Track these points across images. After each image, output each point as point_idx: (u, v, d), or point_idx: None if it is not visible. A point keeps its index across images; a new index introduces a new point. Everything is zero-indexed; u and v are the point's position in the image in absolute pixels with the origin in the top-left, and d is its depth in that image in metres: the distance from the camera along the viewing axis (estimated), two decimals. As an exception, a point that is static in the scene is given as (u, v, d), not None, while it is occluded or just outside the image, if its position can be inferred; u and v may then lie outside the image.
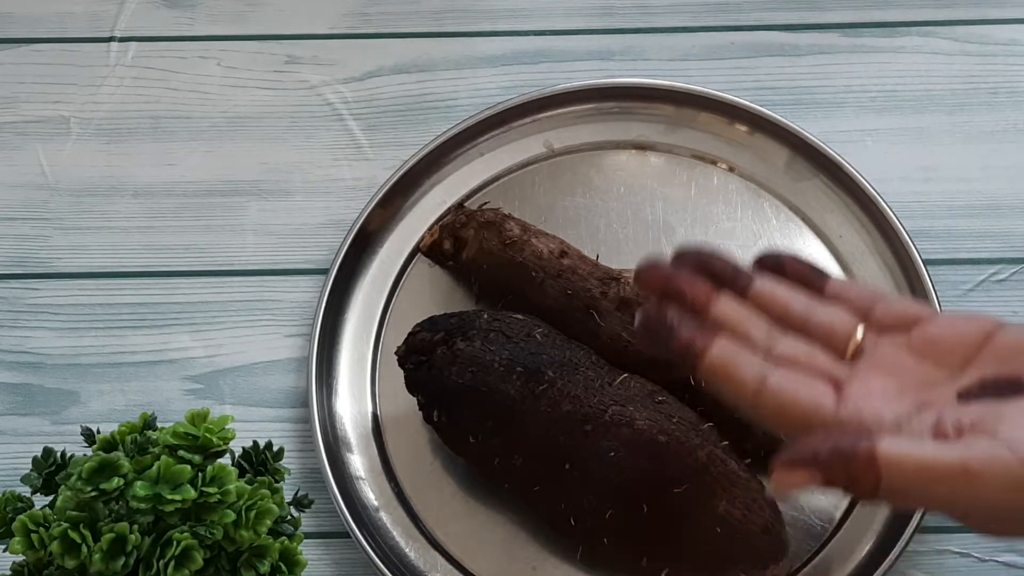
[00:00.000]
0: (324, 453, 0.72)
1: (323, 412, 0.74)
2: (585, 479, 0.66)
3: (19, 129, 0.85)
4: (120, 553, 0.56)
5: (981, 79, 0.85)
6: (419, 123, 0.84)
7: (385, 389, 0.75)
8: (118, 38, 0.88)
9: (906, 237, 0.77)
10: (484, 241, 0.75)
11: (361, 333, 0.77)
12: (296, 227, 0.81)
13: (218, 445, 0.59)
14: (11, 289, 0.80)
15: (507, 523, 0.71)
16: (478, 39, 0.87)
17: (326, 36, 0.88)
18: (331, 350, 0.76)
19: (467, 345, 0.68)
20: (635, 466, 0.65)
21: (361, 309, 0.78)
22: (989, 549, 0.72)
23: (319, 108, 0.85)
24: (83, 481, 0.57)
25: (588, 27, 0.88)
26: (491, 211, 0.77)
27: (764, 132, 0.81)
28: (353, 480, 0.73)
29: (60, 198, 0.82)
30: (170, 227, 0.81)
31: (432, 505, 0.72)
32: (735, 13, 0.88)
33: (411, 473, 0.73)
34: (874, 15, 0.87)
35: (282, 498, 0.61)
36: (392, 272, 0.79)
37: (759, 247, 0.78)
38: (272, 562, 0.59)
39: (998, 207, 0.81)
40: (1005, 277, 0.79)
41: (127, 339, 0.78)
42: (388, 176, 0.80)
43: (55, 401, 0.76)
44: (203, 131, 0.84)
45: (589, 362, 0.69)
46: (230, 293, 0.79)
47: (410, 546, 0.71)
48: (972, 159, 0.82)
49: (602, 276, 0.73)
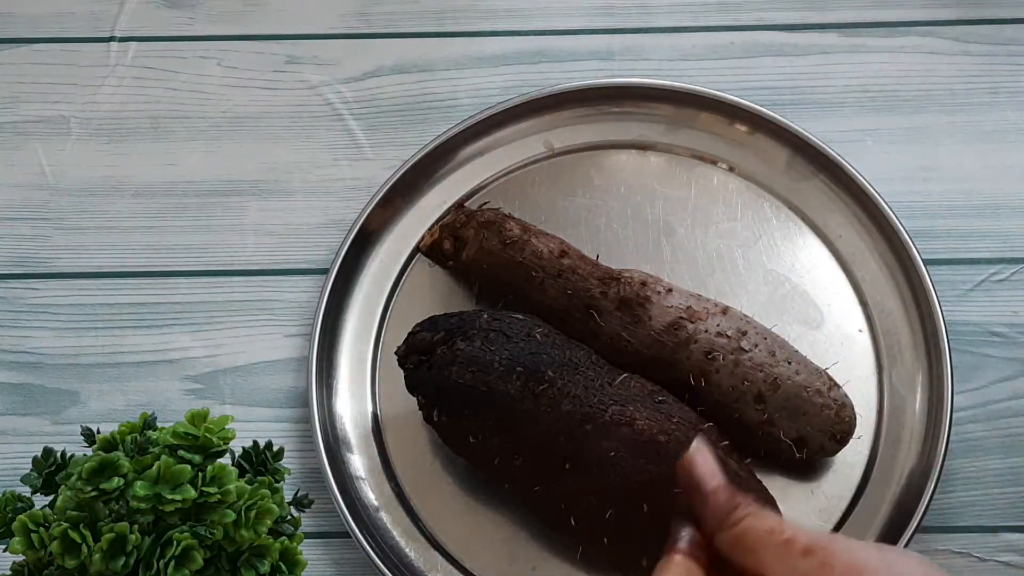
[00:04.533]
0: (324, 453, 0.72)
1: (323, 412, 0.74)
2: (585, 479, 0.66)
3: (19, 129, 0.85)
4: (120, 553, 0.56)
5: (981, 79, 0.85)
6: (419, 123, 0.84)
7: (385, 389, 0.76)
8: (118, 38, 0.88)
9: (906, 237, 0.77)
10: (484, 241, 0.75)
11: (361, 333, 0.77)
12: (296, 227, 0.81)
13: (218, 445, 0.59)
14: (11, 289, 0.80)
15: (507, 523, 0.71)
16: (478, 39, 0.87)
17: (326, 36, 0.88)
18: (331, 350, 0.76)
19: (467, 345, 0.68)
20: (635, 466, 0.65)
21: (361, 309, 0.78)
22: (989, 549, 0.72)
23: (319, 108, 0.85)
24: (83, 481, 0.57)
25: (588, 27, 0.88)
26: (491, 211, 0.77)
27: (764, 132, 0.81)
28: (353, 480, 0.73)
29: (60, 198, 0.82)
30: (170, 227, 0.81)
31: (432, 505, 0.73)
32: (735, 13, 0.88)
33: (411, 473, 0.73)
34: (874, 15, 0.87)
35: (282, 498, 0.61)
36: (392, 272, 0.79)
37: (759, 247, 0.79)
38: (272, 562, 0.59)
39: (998, 207, 0.81)
40: (1005, 277, 0.79)
41: (127, 339, 0.78)
42: (388, 176, 0.80)
43: (55, 401, 0.76)
44: (203, 131, 0.84)
45: (589, 362, 0.69)
46: (230, 293, 0.79)
47: (410, 546, 0.71)
48: (972, 159, 0.83)
49: (602, 276, 0.73)
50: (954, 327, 0.76)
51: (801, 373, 0.70)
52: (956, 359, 0.74)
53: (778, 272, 0.78)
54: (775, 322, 0.74)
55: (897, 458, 0.73)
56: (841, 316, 0.77)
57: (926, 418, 0.73)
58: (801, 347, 0.72)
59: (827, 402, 0.70)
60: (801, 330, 0.76)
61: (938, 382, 0.73)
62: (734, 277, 0.78)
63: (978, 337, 0.77)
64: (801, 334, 0.76)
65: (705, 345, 0.70)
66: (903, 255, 0.77)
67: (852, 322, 0.76)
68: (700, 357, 0.70)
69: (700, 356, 0.70)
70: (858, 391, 0.73)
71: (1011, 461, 0.74)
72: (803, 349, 0.72)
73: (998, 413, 0.75)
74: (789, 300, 0.77)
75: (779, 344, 0.71)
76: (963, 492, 0.74)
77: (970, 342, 0.77)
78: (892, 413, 0.74)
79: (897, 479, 0.72)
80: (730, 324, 0.71)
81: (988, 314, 0.78)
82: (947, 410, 0.72)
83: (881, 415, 0.74)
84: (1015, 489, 0.73)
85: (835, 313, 0.77)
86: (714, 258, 0.78)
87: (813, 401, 0.69)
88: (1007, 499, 0.73)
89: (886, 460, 0.73)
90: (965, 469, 0.74)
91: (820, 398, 0.70)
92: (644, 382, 0.69)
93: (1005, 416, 0.75)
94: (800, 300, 0.77)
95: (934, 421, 0.73)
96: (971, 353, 0.77)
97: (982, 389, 0.76)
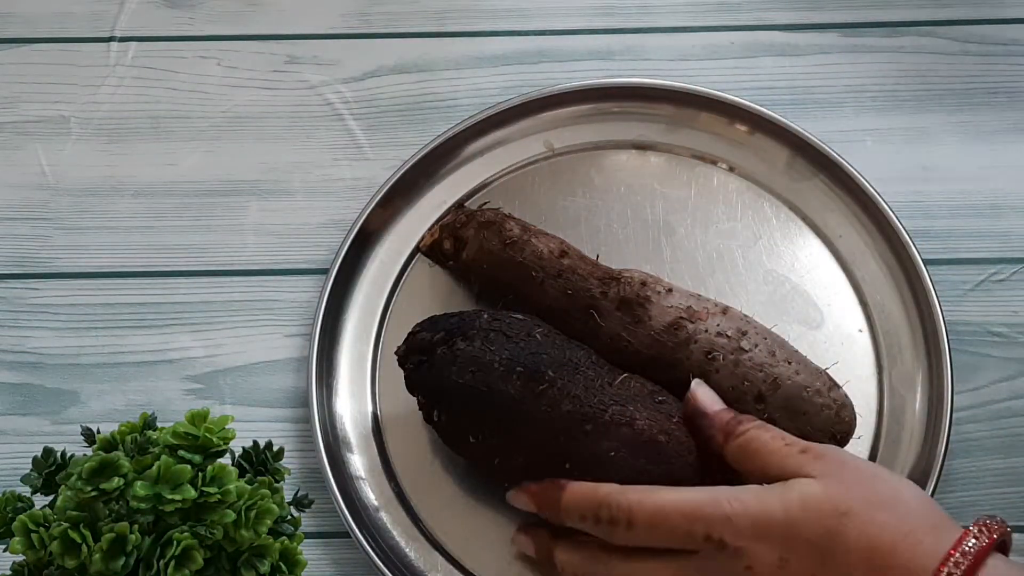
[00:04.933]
0: (324, 453, 0.72)
1: (323, 412, 0.74)
2: (585, 479, 0.66)
3: (19, 129, 0.85)
4: (120, 553, 0.56)
5: (981, 79, 0.85)
6: (419, 123, 0.84)
7: (385, 389, 0.76)
8: (118, 38, 0.88)
9: (906, 237, 0.77)
10: (484, 241, 0.75)
11: (361, 333, 0.77)
12: (296, 227, 0.81)
13: (218, 445, 0.59)
14: (11, 289, 0.80)
15: (507, 523, 0.71)
16: (478, 39, 0.87)
17: (326, 36, 0.88)
18: (331, 350, 0.76)
19: (467, 345, 0.68)
20: (635, 466, 0.65)
21: (361, 309, 0.78)
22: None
23: (319, 108, 0.85)
24: (83, 481, 0.57)
25: (588, 27, 0.88)
26: (491, 211, 0.77)
27: (764, 132, 0.81)
28: (353, 480, 0.73)
29: (60, 198, 0.82)
30: (170, 227, 0.81)
31: (432, 505, 0.72)
32: (735, 13, 0.88)
33: (411, 473, 0.73)
34: (874, 15, 0.87)
35: (282, 498, 0.61)
36: (392, 272, 0.79)
37: (759, 247, 0.79)
38: (272, 562, 0.59)
39: (998, 207, 0.81)
40: (1005, 277, 0.79)
41: (127, 339, 0.78)
42: (388, 176, 0.80)
43: (55, 401, 0.76)
44: (203, 131, 0.84)
45: (589, 362, 0.69)
46: (230, 293, 0.79)
47: (410, 546, 0.71)
48: (972, 159, 0.83)
49: (602, 276, 0.73)
50: (954, 327, 0.76)
51: (801, 373, 0.70)
52: (956, 359, 0.74)
53: (778, 272, 0.78)
54: (775, 322, 0.74)
55: (897, 458, 0.73)
56: (841, 316, 0.77)
57: (926, 418, 0.73)
58: (801, 347, 0.72)
59: (827, 402, 0.70)
60: (801, 330, 0.76)
61: (938, 382, 0.73)
62: (734, 277, 0.78)
63: (978, 337, 0.77)
64: (801, 334, 0.76)
65: (705, 345, 0.70)
66: (903, 255, 0.77)
67: (852, 322, 0.77)
68: (700, 357, 0.70)
69: (700, 356, 0.70)
70: (858, 391, 0.73)
71: (1011, 461, 0.74)
72: (803, 349, 0.72)
73: (998, 413, 0.75)
74: (789, 300, 0.77)
75: (779, 344, 0.71)
76: (963, 492, 0.74)
77: (970, 342, 0.77)
78: (892, 413, 0.74)
79: (897, 479, 0.72)
80: (730, 324, 0.71)
81: (988, 314, 0.78)
82: (947, 410, 0.72)
83: (881, 415, 0.74)
84: (1015, 489, 0.73)
85: (835, 313, 0.77)
86: (714, 258, 0.78)
87: (813, 401, 0.69)
88: (1007, 499, 0.73)
89: (886, 460, 0.73)
90: (965, 469, 0.74)
91: (820, 398, 0.70)
92: (644, 382, 0.69)
93: (1005, 416, 0.75)
94: (800, 300, 0.77)
95: (934, 421, 0.73)
96: (971, 353, 0.77)
97: (982, 389, 0.76)
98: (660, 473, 0.65)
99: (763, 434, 0.64)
